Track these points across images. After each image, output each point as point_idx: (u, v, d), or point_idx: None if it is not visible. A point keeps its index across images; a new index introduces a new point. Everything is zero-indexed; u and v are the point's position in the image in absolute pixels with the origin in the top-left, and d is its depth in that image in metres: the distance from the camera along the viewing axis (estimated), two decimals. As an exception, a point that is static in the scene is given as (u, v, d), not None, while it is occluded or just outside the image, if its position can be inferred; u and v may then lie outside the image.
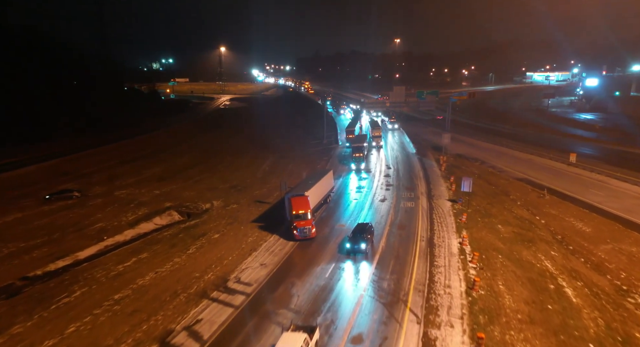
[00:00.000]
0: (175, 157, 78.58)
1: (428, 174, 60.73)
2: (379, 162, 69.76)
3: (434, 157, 72.68)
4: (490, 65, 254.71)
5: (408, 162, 69.12)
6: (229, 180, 62.62)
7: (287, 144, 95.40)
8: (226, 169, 70.13)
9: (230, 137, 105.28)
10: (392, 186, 53.81)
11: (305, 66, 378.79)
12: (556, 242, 37.37)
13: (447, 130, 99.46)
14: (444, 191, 51.48)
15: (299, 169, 68.26)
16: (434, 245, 34.13)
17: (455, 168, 64.29)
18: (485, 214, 42.79)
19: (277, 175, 65.63)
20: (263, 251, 34.58)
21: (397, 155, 74.59)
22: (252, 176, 65.63)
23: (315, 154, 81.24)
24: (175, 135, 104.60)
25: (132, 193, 54.83)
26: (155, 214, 47.97)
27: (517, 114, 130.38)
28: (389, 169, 64.27)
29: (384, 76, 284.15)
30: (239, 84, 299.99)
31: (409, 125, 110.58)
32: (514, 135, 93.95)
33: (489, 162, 69.27)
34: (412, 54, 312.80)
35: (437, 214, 42.63)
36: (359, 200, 48.70)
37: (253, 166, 72.42)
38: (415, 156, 73.14)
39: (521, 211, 45.42)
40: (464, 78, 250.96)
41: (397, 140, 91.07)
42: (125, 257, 35.31)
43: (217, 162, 75.77)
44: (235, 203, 50.69)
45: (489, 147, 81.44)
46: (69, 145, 79.67)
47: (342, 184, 56.83)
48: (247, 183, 60.89)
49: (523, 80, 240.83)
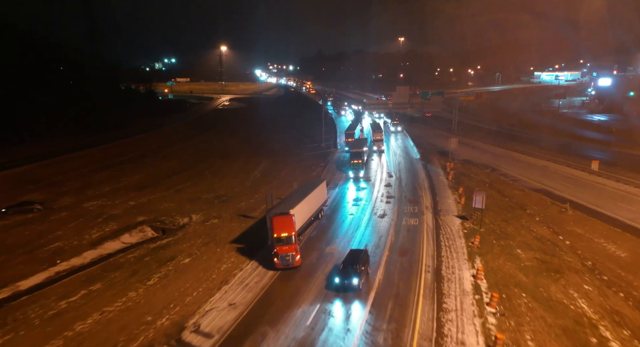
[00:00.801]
0: (162, 161, 73.00)
1: (434, 183, 54.80)
2: (379, 169, 63.88)
3: (439, 163, 66.75)
4: (497, 64, 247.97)
5: (412, 169, 63.21)
6: (215, 189, 56.98)
7: (283, 147, 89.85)
8: (214, 176, 64.50)
9: (224, 139, 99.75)
10: (393, 198, 47.91)
11: (308, 66, 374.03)
12: (587, 270, 31.38)
13: (453, 132, 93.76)
14: (451, 205, 45.54)
15: (293, 176, 62.63)
16: (441, 278, 28.26)
17: (463, 176, 58.34)
18: (501, 235, 36.84)
19: (269, 183, 60.02)
20: (236, 284, 28.79)
21: (400, 161, 68.68)
22: (240, 184, 59.96)
23: (311, 159, 75.50)
24: (166, 137, 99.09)
25: (104, 205, 49.23)
26: (125, 230, 42.37)
27: (527, 115, 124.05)
28: (391, 177, 58.38)
29: (387, 76, 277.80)
30: (241, 83, 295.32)
31: (413, 127, 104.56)
32: (525, 138, 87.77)
33: (500, 169, 63.23)
34: (416, 53, 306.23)
35: (445, 234, 36.73)
36: (355, 215, 42.84)
37: (244, 172, 66.78)
38: (419, 162, 67.20)
39: (541, 229, 39.44)
40: (469, 78, 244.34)
41: (400, 144, 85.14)
42: (74, 288, 29.64)
43: (206, 167, 70.15)
44: (216, 217, 45.00)
45: (499, 152, 75.34)
46: (46, 149, 74.01)
47: (337, 195, 50.99)
48: (234, 192, 55.24)
49: (531, 80, 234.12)
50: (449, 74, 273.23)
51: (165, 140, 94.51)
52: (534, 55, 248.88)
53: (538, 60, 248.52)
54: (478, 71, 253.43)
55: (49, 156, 70.33)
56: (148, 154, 77.73)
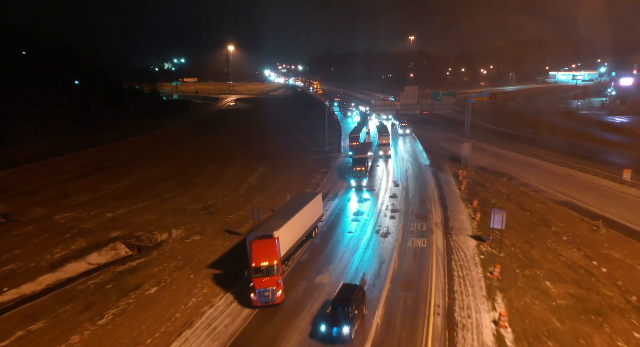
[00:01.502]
0: (151, 166, 68.17)
1: (444, 194, 49.19)
2: (385, 177, 58.41)
3: (451, 170, 61.06)
4: (511, 64, 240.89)
5: (420, 177, 57.64)
6: (203, 198, 51.97)
7: (284, 150, 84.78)
8: (205, 183, 59.51)
9: (223, 141, 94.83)
10: (398, 212, 42.46)
11: (317, 65, 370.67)
12: (633, 309, 25.68)
13: (466, 136, 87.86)
14: (465, 221, 39.94)
15: (290, 184, 57.47)
16: (454, 324, 22.81)
17: (477, 186, 52.62)
18: (524, 261, 31.23)
19: (264, 191, 54.92)
20: (201, 327, 23.59)
21: (408, 168, 63.12)
22: (233, 192, 54.89)
23: (312, 164, 70.26)
24: (161, 140, 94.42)
25: (77, 217, 44.41)
26: (95, 248, 37.42)
27: (544, 117, 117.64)
28: (397, 186, 52.89)
29: (398, 76, 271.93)
30: (248, 84, 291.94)
31: (423, 130, 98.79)
32: (544, 142, 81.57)
33: (519, 177, 57.35)
34: (427, 52, 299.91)
35: (458, 260, 31.21)
36: (354, 233, 37.48)
37: (238, 179, 61.72)
38: (429, 169, 61.58)
39: (571, 253, 33.73)
40: (482, 78, 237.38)
41: (408, 148, 79.48)
42: (11, 327, 24.73)
43: (198, 173, 65.18)
44: (199, 233, 39.96)
45: (516, 158, 69.33)
46: (24, 153, 69.01)
47: (336, 207, 45.63)
48: (224, 203, 50.20)
49: (546, 79, 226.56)
50: (461, 74, 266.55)
51: (160, 143, 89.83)
52: (549, 54, 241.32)
53: (553, 59, 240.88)
54: (491, 71, 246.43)
55: (22, 162, 65.03)
56: (137, 159, 72.98)
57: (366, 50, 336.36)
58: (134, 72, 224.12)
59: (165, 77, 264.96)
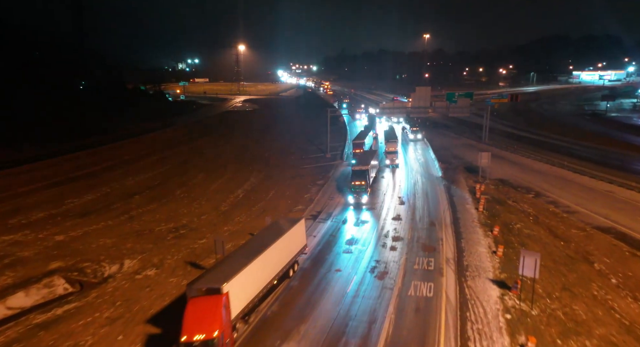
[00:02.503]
0: (131, 175, 61.32)
1: (458, 215, 41.12)
2: (390, 191, 50.52)
3: (467, 184, 52.86)
4: (532, 63, 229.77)
5: (431, 192, 49.59)
6: (178, 215, 44.90)
7: (283, 157, 77.46)
8: (186, 196, 52.41)
9: (219, 146, 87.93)
10: (401, 242, 34.62)
11: (331, 65, 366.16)
12: None
13: (484, 142, 79.28)
14: (483, 256, 31.85)
15: (280, 199, 50.12)
16: None
17: (498, 205, 44.37)
18: (567, 324, 23.14)
19: (249, 207, 47.66)
20: None
21: (417, 181, 55.09)
22: (214, 208, 47.67)
23: (311, 174, 62.75)
24: (152, 144, 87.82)
25: (19, 241, 37.58)
26: (24, 284, 30.39)
27: (571, 120, 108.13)
28: (402, 204, 44.97)
29: (412, 76, 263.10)
30: (260, 84, 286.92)
31: (437, 134, 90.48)
32: (572, 149, 72.61)
33: (547, 194, 48.85)
34: (443, 51, 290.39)
35: (476, 321, 23.24)
36: (343, 272, 29.77)
37: (224, 191, 54.56)
38: (441, 183, 53.49)
39: (628, 306, 25.54)
40: (501, 78, 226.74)
41: (419, 156, 71.29)
42: None
43: (182, 183, 58.16)
44: (156, 266, 32.75)
45: (541, 169, 60.62)
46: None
47: (327, 233, 37.92)
48: (199, 222, 43.03)
49: (569, 80, 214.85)
50: (478, 74, 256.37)
51: (150, 147, 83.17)
52: (573, 53, 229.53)
53: (577, 58, 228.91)
54: (510, 71, 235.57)
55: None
56: (118, 166, 66.23)
57: (380, 50, 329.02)
58: (143, 72, 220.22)
59: (177, 78, 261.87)
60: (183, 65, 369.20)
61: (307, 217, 42.40)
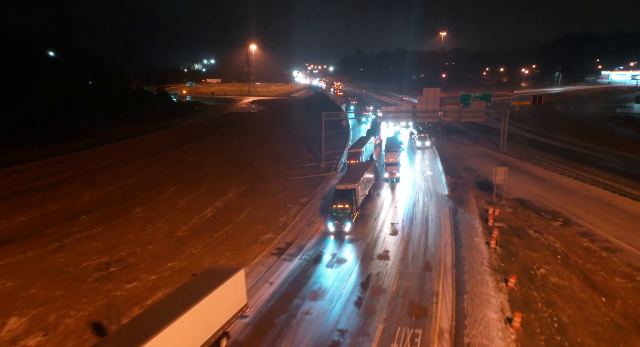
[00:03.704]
0: (89, 189, 53.61)
1: (463, 254, 31.92)
2: (382, 215, 41.54)
3: (478, 206, 43.48)
4: (556, 62, 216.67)
5: (433, 217, 40.44)
6: (118, 244, 36.87)
7: (275, 164, 69.30)
8: (144, 216, 44.49)
9: (207, 153, 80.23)
10: (383, 296, 25.73)
11: (347, 66, 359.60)
12: None
13: (501, 150, 69.32)
14: (492, 329, 22.60)
15: (250, 224, 41.70)
16: None
17: (516, 237, 35.01)
18: None
19: (211, 233, 39.41)
20: None
21: (418, 200, 45.96)
22: (168, 234, 39.46)
23: (297, 188, 54.23)
24: (136, 149, 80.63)
25: None
26: None
27: (601, 125, 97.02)
28: (395, 234, 36.04)
29: (430, 76, 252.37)
30: (272, 84, 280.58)
31: (448, 141, 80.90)
32: (607, 161, 62.17)
33: (579, 221, 39.10)
34: (462, 50, 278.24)
35: None
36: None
37: (191, 210, 46.42)
38: (447, 203, 44.28)
39: None
40: (523, 78, 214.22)
41: (425, 168, 61.99)
42: None
43: (145, 199, 50.25)
44: (46, 329, 24.62)
45: (571, 187, 50.57)
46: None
47: (288, 278, 29.16)
48: (141, 255, 34.88)
49: (598, 80, 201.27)
50: (499, 74, 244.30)
51: (130, 154, 75.85)
52: (601, 51, 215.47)
53: (606, 57, 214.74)
54: (533, 70, 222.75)
55: None
56: (81, 177, 58.77)
57: (398, 50, 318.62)
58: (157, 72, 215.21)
59: (189, 78, 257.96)
60: (200, 65, 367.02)
61: (272, 251, 33.89)
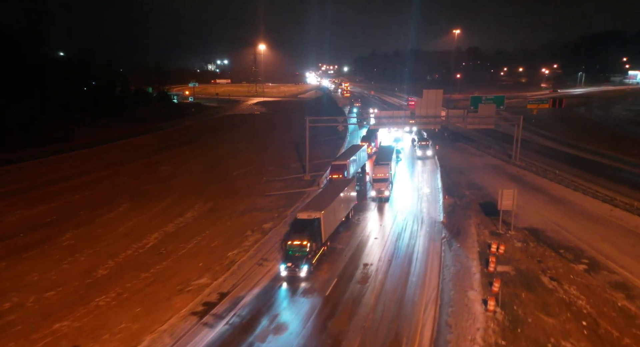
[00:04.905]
0: (20, 208, 45.98)
1: (449, 322, 23.12)
2: (355, 250, 32.98)
3: (478, 238, 34.54)
4: (579, 62, 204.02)
5: (418, 256, 31.72)
6: (9, 290, 29.31)
7: (255, 175, 61.32)
8: (67, 245, 36.82)
9: (187, 160, 72.84)
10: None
11: (362, 66, 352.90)
12: None
13: (514, 159, 59.87)
14: None
15: (190, 260, 33.71)
16: None
17: (525, 290, 26.09)
18: None
19: (137, 274, 31.50)
20: None
21: (404, 229, 37.25)
22: (81, 276, 31.52)
23: (267, 208, 45.95)
24: (107, 156, 73.67)
25: None
26: None
27: (632, 130, 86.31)
28: (364, 283, 27.46)
29: (445, 76, 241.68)
30: (282, 85, 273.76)
31: (453, 149, 71.70)
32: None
33: (609, 264, 29.77)
34: (479, 50, 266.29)
35: None
36: None
37: (132, 236, 38.69)
38: (440, 233, 35.51)
39: None
40: (544, 79, 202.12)
41: (421, 183, 53.06)
42: None
43: (84, 221, 42.62)
44: None
45: (598, 212, 40.81)
46: None
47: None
48: (26, 311, 27.12)
49: (624, 80, 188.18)
50: (518, 74, 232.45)
51: (95, 162, 68.71)
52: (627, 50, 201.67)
53: (633, 56, 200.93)
54: (555, 70, 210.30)
55: None
56: (19, 192, 51.49)
57: (413, 50, 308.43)
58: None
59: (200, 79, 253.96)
60: (213, 66, 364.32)
61: (196, 309, 25.72)
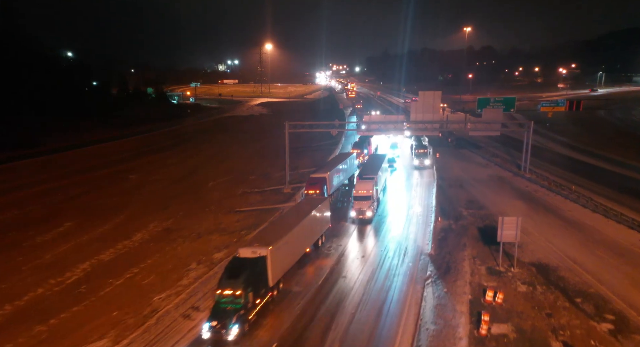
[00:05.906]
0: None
1: None
2: (312, 299, 26.02)
3: (472, 279, 27.24)
4: (599, 61, 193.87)
5: (390, 308, 24.63)
6: None
7: (233, 186, 55.02)
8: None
9: (164, 167, 66.90)
10: None
11: (373, 66, 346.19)
12: None
13: (524, 171, 52.06)
14: None
15: (111, 302, 27.12)
16: None
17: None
18: None
19: (29, 326, 25.12)
20: None
21: (381, 265, 30.16)
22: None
23: (230, 230, 39.42)
24: (70, 163, 68.14)
25: None
26: None
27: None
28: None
29: (458, 76, 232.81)
30: (290, 85, 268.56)
31: (455, 158, 64.04)
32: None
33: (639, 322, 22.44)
34: (493, 49, 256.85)
35: None
36: None
37: (51, 270, 32.44)
38: (424, 272, 28.32)
39: None
40: (560, 79, 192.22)
41: (413, 201, 45.69)
42: None
43: (8, 245, 36.50)
44: None
45: (624, 243, 33.03)
46: None
47: None
48: None
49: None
50: (533, 74, 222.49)
51: (57, 170, 63.04)
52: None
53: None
54: (572, 70, 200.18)
55: None
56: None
57: (424, 49, 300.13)
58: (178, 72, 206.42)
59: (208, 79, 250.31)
60: (223, 66, 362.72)
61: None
